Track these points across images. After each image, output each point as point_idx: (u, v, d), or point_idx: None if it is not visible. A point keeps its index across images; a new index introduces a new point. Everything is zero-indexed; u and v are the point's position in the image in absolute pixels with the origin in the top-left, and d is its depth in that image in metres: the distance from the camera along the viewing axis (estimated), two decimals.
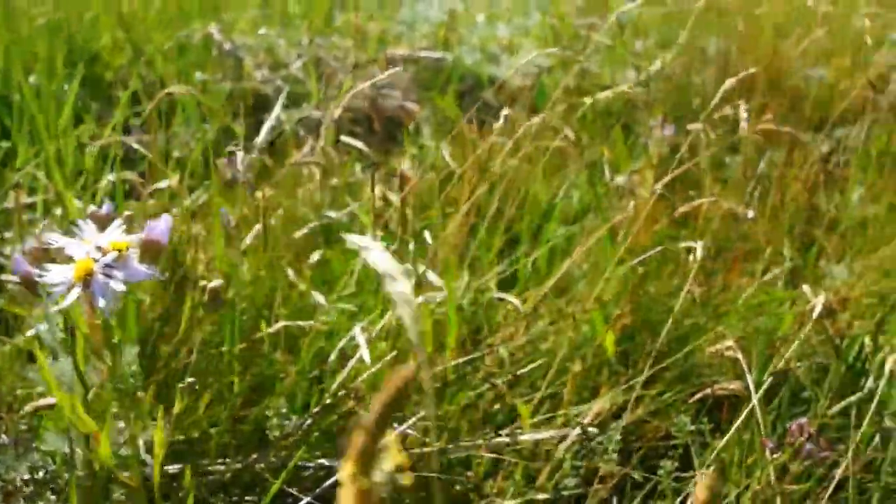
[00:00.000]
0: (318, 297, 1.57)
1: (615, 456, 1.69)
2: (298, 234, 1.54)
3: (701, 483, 0.49)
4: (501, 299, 1.77)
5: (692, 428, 1.60)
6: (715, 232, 2.09)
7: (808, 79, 3.40)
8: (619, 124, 2.82)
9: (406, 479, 0.36)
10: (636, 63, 3.35)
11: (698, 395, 1.60)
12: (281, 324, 1.33)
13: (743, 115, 1.52)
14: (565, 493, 1.54)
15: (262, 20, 3.41)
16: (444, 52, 3.37)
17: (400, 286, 0.48)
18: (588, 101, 3.01)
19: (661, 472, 1.58)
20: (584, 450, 1.65)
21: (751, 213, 2.26)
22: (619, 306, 1.76)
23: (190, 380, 1.13)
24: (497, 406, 1.43)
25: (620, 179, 2.28)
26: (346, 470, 0.35)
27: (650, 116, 2.67)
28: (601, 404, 1.64)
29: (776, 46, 3.46)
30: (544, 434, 1.41)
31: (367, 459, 0.35)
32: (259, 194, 1.36)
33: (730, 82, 1.79)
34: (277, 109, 2.60)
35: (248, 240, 1.42)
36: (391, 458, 0.36)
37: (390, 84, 3.37)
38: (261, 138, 2.50)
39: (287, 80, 3.16)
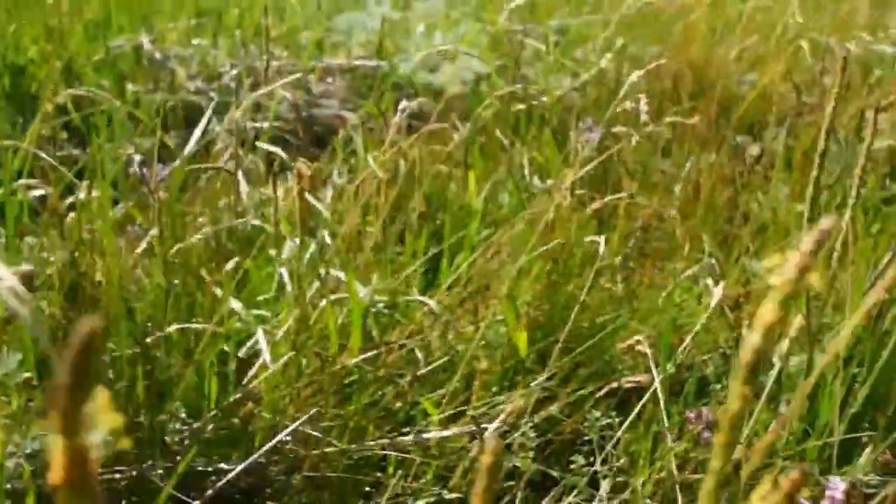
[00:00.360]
0: (234, 303, 1.56)
1: (531, 453, 1.69)
2: (193, 238, 1.52)
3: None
4: (419, 301, 1.77)
5: (605, 422, 1.60)
6: (636, 231, 2.10)
7: (741, 83, 3.44)
8: (551, 129, 2.84)
9: (123, 443, 0.36)
10: (572, 69, 3.38)
11: (606, 389, 1.61)
12: (174, 326, 1.32)
13: (644, 108, 1.53)
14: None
15: (196, 31, 3.39)
16: (380, 61, 3.37)
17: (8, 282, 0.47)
18: (522, 106, 3.03)
19: (573, 467, 1.59)
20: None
21: (672, 212, 2.28)
22: (532, 305, 1.76)
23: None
24: (399, 404, 1.43)
25: (543, 182, 2.29)
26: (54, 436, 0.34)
27: (580, 120, 2.68)
28: (515, 402, 1.64)
29: (709, 52, 3.49)
30: (449, 431, 1.41)
31: (72, 421, 0.34)
32: (155, 198, 1.34)
33: (636, 74, 1.80)
34: (205, 120, 2.59)
35: (143, 244, 1.41)
36: (104, 420, 0.35)
37: (326, 93, 3.36)
38: (188, 149, 2.48)
39: (220, 91, 3.15)
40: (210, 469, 1.33)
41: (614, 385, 1.58)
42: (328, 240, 1.49)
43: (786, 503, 0.55)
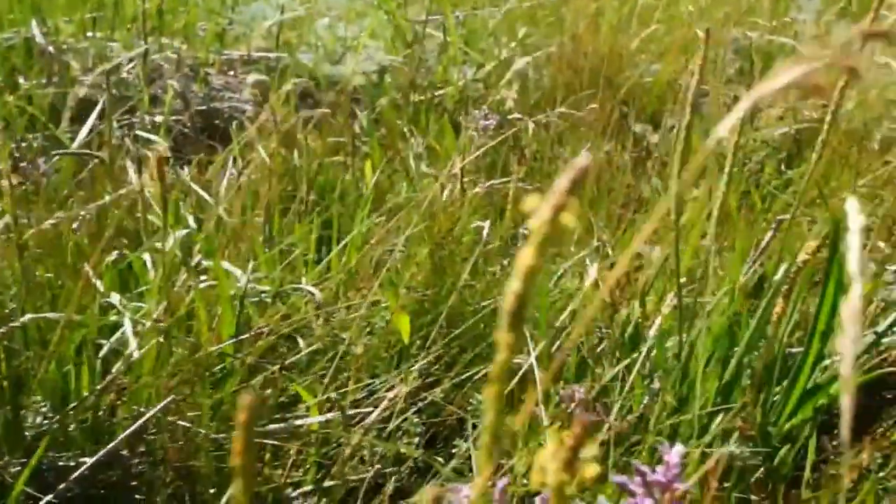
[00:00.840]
0: (113, 297, 1.51)
1: (416, 439, 1.68)
2: (45, 224, 1.47)
3: None
4: (301, 288, 1.74)
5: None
6: (526, 216, 2.09)
7: (645, 74, 3.47)
8: (450, 118, 2.84)
9: None
10: (475, 60, 3.37)
11: (485, 372, 1.60)
12: (28, 316, 1.27)
13: (511, 96, 1.52)
14: (358, 479, 1.51)
15: (92, 23, 3.31)
16: (281, 53, 3.33)
17: None
18: (422, 97, 3.02)
19: (456, 451, 1.58)
20: (384, 434, 1.64)
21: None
22: (417, 290, 1.75)
23: None
24: (269, 391, 1.40)
25: (430, 170, 2.28)
26: None
27: (477, 109, 2.68)
28: (398, 388, 1.62)
29: (613, 43, 3.51)
30: (321, 417, 1.38)
31: None
32: (5, 182, 1.29)
33: (523, 61, 1.80)
34: (94, 115, 2.53)
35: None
36: None
37: (228, 86, 3.31)
38: (77, 143, 2.42)
39: (117, 85, 3.08)
40: (72, 464, 1.28)
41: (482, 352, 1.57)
42: (193, 224, 1.46)
43: (572, 456, 0.54)
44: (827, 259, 1.43)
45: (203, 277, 1.61)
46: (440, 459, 1.60)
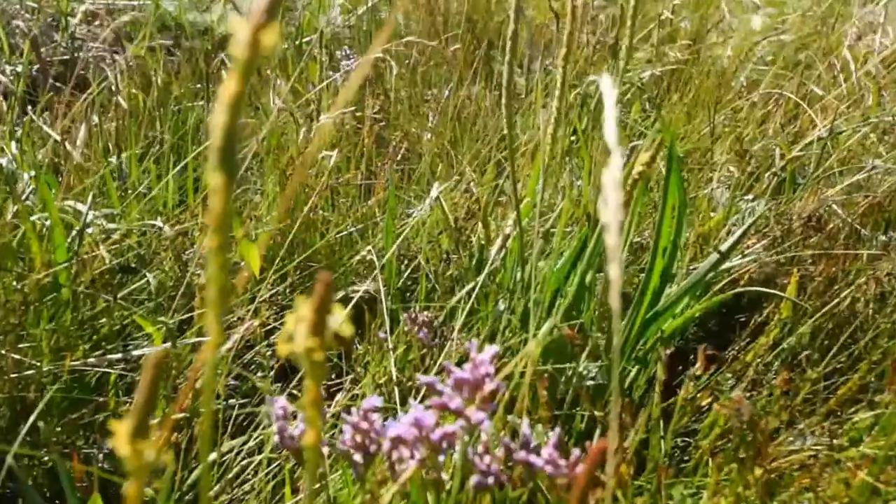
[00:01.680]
0: None
1: (271, 372, 1.66)
2: None
3: None
4: (151, 225, 1.70)
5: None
6: (393, 153, 2.09)
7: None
8: (320, 63, 2.80)
9: None
10: (345, 6, 3.34)
11: (339, 297, 1.59)
12: None
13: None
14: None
15: None
16: (145, 1, 3.23)
17: None
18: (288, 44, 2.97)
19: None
20: (240, 365, 1.62)
21: (427, 136, 2.28)
22: (272, 226, 1.73)
23: None
24: (103, 319, 1.36)
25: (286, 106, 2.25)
26: None
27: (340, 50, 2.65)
28: (249, 323, 1.60)
29: None
30: (157, 348, 1.35)
31: None
32: None
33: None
34: None
35: None
36: None
37: (92, 35, 3.21)
38: None
39: None
40: None
41: (346, 295, 1.56)
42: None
43: (319, 320, 0.53)
44: (664, 178, 1.45)
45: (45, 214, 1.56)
46: (296, 392, 1.60)
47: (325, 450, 0.92)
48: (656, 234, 1.48)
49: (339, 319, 0.54)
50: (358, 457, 0.89)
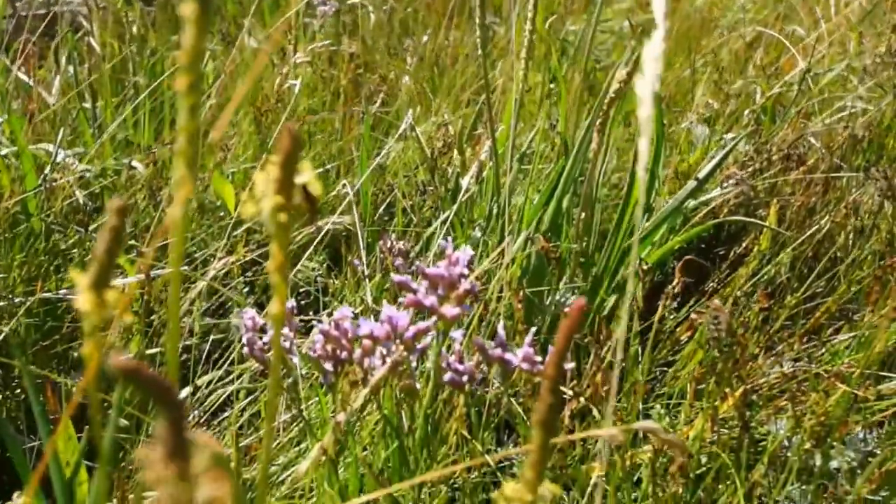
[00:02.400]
0: None
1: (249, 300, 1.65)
2: None
3: None
4: (125, 163, 1.68)
5: (316, 272, 1.57)
6: (370, 93, 2.07)
7: None
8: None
9: None
10: None
11: (308, 232, 1.57)
12: None
13: None
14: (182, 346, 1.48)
15: None
16: None
17: None
18: None
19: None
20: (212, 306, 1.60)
21: (405, 80, 2.25)
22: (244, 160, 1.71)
23: None
24: (76, 251, 1.34)
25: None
26: None
27: None
28: (225, 258, 1.59)
29: None
30: (136, 277, 1.34)
31: None
32: None
33: None
34: None
35: None
36: None
37: None
38: None
39: None
40: None
41: (322, 229, 1.54)
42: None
43: (285, 177, 0.52)
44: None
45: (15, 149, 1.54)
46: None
47: (296, 359, 0.91)
48: (633, 162, 1.47)
49: (307, 175, 0.52)
50: (328, 365, 0.88)
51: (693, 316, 1.57)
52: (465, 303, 0.81)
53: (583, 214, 1.38)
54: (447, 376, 0.81)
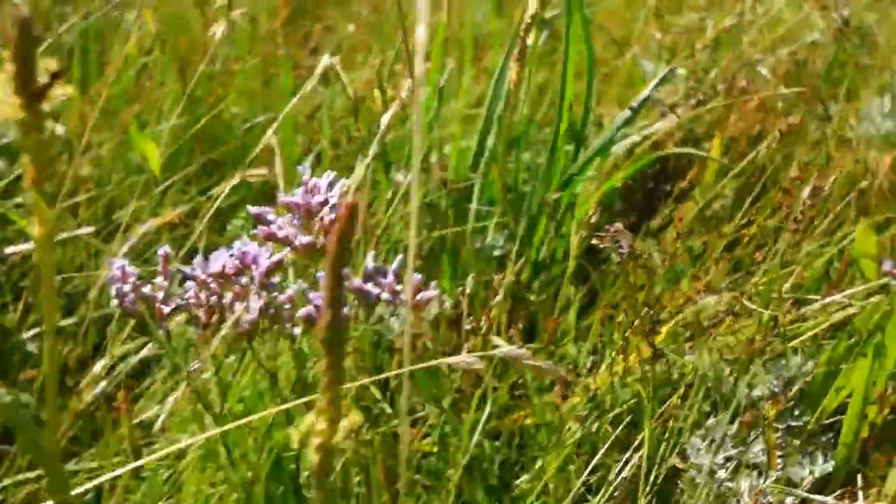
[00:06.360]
0: None
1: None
2: None
3: None
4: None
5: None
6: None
7: None
8: None
9: None
10: None
11: (234, 182, 1.52)
12: None
13: None
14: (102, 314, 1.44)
15: None
16: None
17: None
18: None
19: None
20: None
21: (351, 26, 2.20)
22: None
23: None
24: None
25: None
26: None
27: None
28: (158, 219, 1.54)
29: None
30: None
31: None
32: None
33: None
34: None
35: None
36: None
37: None
38: None
39: None
40: None
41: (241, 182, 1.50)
42: None
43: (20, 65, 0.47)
44: (565, 27, 1.38)
45: None
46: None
47: (167, 309, 0.87)
48: (561, 89, 1.41)
49: (50, 65, 0.47)
50: (201, 312, 0.84)
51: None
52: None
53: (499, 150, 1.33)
54: (303, 311, 0.77)
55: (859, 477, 1.02)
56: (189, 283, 0.83)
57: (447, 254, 1.34)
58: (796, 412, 1.10)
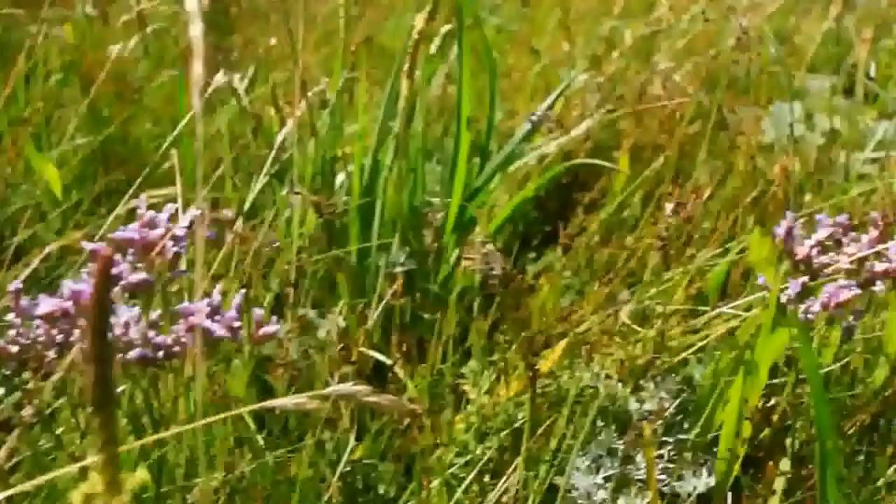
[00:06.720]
0: None
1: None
2: None
3: None
4: None
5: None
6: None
7: None
8: None
9: None
10: None
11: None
12: None
13: None
14: None
15: None
16: None
17: None
18: None
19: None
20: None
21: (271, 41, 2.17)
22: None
23: None
24: None
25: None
26: None
27: None
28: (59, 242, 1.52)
29: None
30: None
31: None
32: None
33: None
34: None
35: None
36: None
37: None
38: None
39: None
40: None
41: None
42: None
43: None
44: (456, 38, 1.38)
45: None
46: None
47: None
48: (458, 104, 1.41)
49: None
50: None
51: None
52: (176, 268, 0.75)
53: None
54: (135, 353, 0.75)
55: (741, 495, 1.02)
56: (37, 322, 0.81)
57: (346, 274, 1.32)
58: (685, 425, 1.10)
